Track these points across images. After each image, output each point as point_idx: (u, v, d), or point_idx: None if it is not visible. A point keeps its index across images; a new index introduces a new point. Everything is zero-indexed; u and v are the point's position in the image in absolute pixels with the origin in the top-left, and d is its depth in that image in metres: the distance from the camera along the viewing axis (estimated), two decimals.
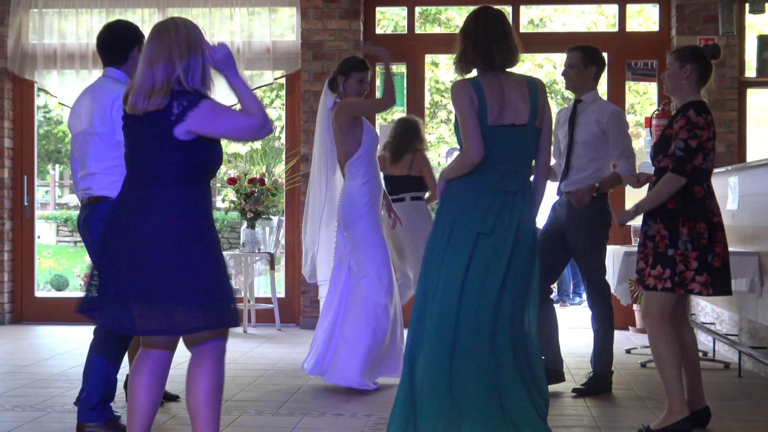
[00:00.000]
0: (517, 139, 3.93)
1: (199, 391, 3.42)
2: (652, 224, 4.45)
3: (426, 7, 14.97)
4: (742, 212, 6.44)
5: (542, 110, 3.97)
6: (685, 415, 4.39)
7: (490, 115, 3.88)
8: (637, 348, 7.02)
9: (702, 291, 4.37)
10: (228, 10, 8.47)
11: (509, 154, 3.93)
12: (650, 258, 4.41)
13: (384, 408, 5.04)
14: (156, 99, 3.34)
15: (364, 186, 5.54)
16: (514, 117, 3.91)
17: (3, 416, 4.83)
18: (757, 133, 8.52)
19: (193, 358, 3.47)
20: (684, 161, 4.35)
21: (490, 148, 3.87)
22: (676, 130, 4.41)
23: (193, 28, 3.43)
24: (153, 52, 3.38)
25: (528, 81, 3.99)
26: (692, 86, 4.53)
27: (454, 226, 3.92)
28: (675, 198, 4.40)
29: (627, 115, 9.09)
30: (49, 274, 13.57)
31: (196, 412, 3.42)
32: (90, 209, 4.48)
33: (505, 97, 3.91)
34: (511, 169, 3.92)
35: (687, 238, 4.35)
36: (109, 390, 4.38)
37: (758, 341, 6.07)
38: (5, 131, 8.59)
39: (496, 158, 3.90)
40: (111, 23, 4.67)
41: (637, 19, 14.42)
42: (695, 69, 4.51)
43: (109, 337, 4.38)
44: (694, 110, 4.41)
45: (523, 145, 3.95)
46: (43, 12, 8.58)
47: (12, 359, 6.69)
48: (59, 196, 26.03)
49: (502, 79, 3.94)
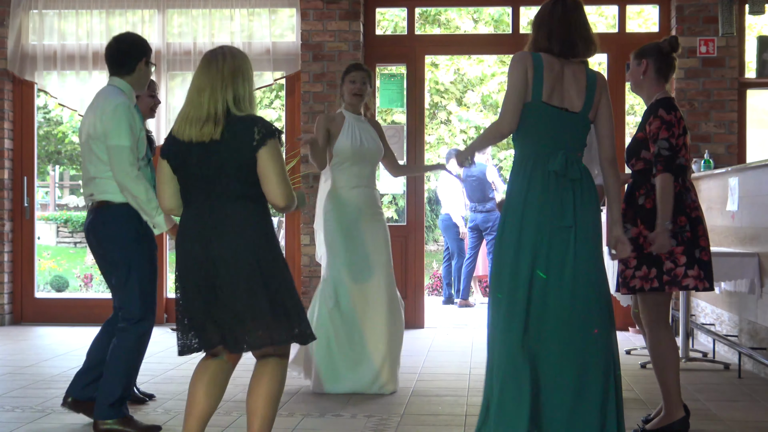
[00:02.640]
0: (573, 125, 3.86)
1: (261, 393, 3.57)
2: (630, 227, 4.41)
3: (426, 8, 14.98)
4: (742, 213, 6.44)
5: (597, 102, 3.89)
6: (682, 416, 4.40)
7: (546, 91, 3.82)
8: (636, 349, 7.02)
9: (698, 285, 4.36)
10: (228, 11, 8.48)
11: (567, 138, 3.85)
12: (632, 260, 4.38)
13: (384, 409, 5.04)
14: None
15: (330, 193, 5.62)
16: (569, 102, 3.86)
17: (3, 417, 4.83)
18: (757, 134, 8.53)
19: (259, 362, 3.64)
20: (671, 159, 4.35)
21: (544, 125, 3.82)
22: (653, 131, 4.39)
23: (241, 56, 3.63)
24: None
25: (588, 71, 3.93)
26: (652, 81, 4.51)
27: (525, 218, 3.79)
28: (652, 196, 4.39)
29: (627, 116, 9.10)
30: (49, 275, 13.57)
31: (255, 413, 3.57)
32: (94, 214, 4.55)
33: (564, 80, 3.86)
34: (573, 156, 3.85)
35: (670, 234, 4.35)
36: (127, 388, 4.49)
37: (758, 342, 6.07)
38: (5, 132, 8.60)
39: (552, 139, 3.82)
40: (120, 35, 4.74)
41: (637, 20, 14.42)
42: (651, 63, 4.49)
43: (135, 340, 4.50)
44: (664, 109, 4.40)
45: (579, 133, 3.89)
46: (43, 13, 8.58)
47: (12, 360, 6.68)
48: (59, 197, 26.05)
49: (564, 63, 3.88)
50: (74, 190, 26.33)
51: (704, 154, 7.81)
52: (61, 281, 13.29)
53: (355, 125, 5.62)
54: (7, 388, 5.63)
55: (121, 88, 4.58)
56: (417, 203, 8.58)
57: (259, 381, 3.60)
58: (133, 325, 4.48)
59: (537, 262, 3.76)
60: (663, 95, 4.49)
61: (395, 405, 5.15)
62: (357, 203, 5.60)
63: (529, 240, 3.77)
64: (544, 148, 3.82)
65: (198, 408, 3.60)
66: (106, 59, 4.67)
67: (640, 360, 6.54)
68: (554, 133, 3.83)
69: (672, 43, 4.49)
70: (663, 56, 4.49)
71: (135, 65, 4.60)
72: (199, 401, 3.61)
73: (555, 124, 3.83)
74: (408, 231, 8.50)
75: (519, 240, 3.78)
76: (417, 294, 8.51)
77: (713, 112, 8.05)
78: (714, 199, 6.97)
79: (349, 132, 5.59)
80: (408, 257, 8.46)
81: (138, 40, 4.68)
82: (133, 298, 4.48)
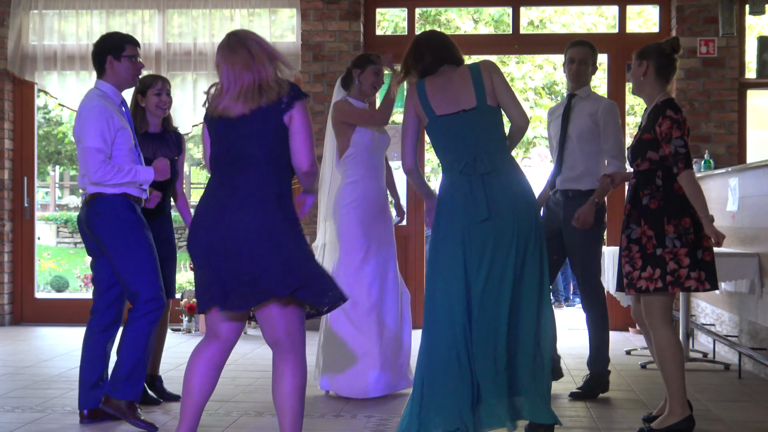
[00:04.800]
0: (476, 121, 4.07)
1: (284, 389, 3.59)
2: (635, 227, 4.43)
3: (426, 9, 14.98)
4: (742, 213, 6.44)
5: (491, 86, 4.09)
6: (687, 415, 4.41)
7: (435, 107, 4.09)
8: (636, 349, 7.02)
9: (699, 287, 4.38)
10: (228, 11, 8.48)
11: (474, 137, 4.07)
12: (638, 261, 4.41)
13: (383, 409, 5.04)
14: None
15: (349, 186, 5.51)
16: (464, 102, 4.08)
17: (3, 417, 4.83)
18: (757, 135, 8.52)
19: (277, 359, 3.64)
20: (688, 156, 4.37)
21: (449, 135, 4.10)
22: (665, 132, 4.38)
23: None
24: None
25: (470, 68, 4.15)
26: (652, 83, 4.51)
27: (440, 221, 4.07)
28: (657, 197, 4.40)
29: (627, 116, 9.11)
30: (49, 276, 13.56)
31: (283, 409, 3.60)
32: (88, 206, 4.68)
33: (453, 85, 4.11)
34: (482, 151, 4.05)
35: (674, 235, 4.36)
36: (142, 366, 4.59)
37: (758, 342, 6.07)
38: (5, 132, 8.60)
39: (460, 143, 4.07)
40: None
41: (637, 21, 14.42)
42: (652, 64, 4.50)
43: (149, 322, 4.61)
44: (672, 110, 4.41)
45: (485, 125, 4.09)
46: (43, 13, 8.58)
47: (12, 360, 6.68)
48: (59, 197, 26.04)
49: (448, 73, 4.17)
50: (74, 191, 26.34)
51: (704, 154, 7.81)
52: (61, 281, 13.28)
53: None
54: (7, 388, 5.63)
55: (101, 89, 4.70)
56: (417, 203, 8.58)
57: (282, 377, 3.61)
58: (144, 307, 4.58)
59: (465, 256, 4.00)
60: (665, 96, 4.49)
61: (395, 405, 5.15)
62: (375, 196, 5.53)
63: (455, 237, 4.01)
64: (456, 153, 4.08)
65: (193, 392, 3.67)
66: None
67: (640, 360, 6.54)
68: (460, 137, 4.09)
69: (673, 44, 4.49)
70: (664, 57, 4.49)
71: (103, 64, 4.70)
72: (193, 386, 3.67)
73: (457, 128, 4.10)
74: (408, 231, 8.50)
75: (445, 239, 4.04)
76: (417, 294, 8.51)
77: (713, 113, 8.05)
78: (714, 199, 6.97)
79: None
80: (408, 257, 8.46)
81: (104, 39, 4.78)
82: (141, 281, 4.58)
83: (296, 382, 3.61)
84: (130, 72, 4.73)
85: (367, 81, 5.57)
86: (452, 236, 4.02)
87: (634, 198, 4.49)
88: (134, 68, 4.74)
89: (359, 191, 5.49)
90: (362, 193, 5.50)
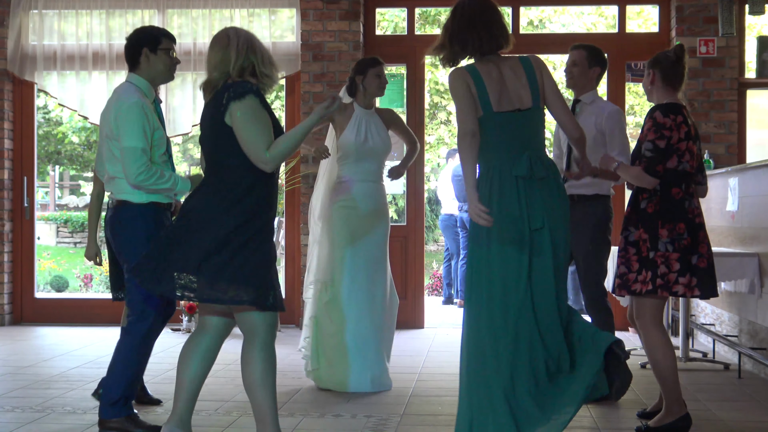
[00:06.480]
0: (530, 122, 3.92)
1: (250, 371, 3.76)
2: (633, 230, 4.46)
3: (426, 9, 14.98)
4: (741, 213, 6.44)
5: (542, 85, 3.95)
6: (683, 413, 4.44)
7: (493, 100, 3.87)
8: (636, 349, 7.01)
9: (686, 293, 4.40)
10: (228, 11, 8.47)
11: (527, 138, 3.91)
12: (635, 264, 4.43)
13: (383, 409, 5.04)
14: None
15: (339, 185, 5.66)
16: (518, 101, 3.90)
17: (3, 417, 4.83)
18: (757, 135, 8.52)
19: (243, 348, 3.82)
20: (653, 162, 4.37)
21: (502, 134, 3.88)
22: (644, 132, 4.46)
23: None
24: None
25: (522, 61, 3.97)
26: (660, 89, 4.55)
27: (494, 226, 3.83)
28: (654, 201, 4.43)
29: (627, 116, 9.10)
30: (49, 275, 13.57)
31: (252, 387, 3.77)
32: (113, 212, 4.57)
33: (506, 81, 3.91)
34: (536, 155, 3.89)
35: (667, 239, 4.38)
36: (131, 387, 4.50)
37: (758, 342, 6.07)
38: (5, 132, 8.59)
39: (513, 144, 3.88)
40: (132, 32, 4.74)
41: (637, 21, 14.42)
42: (657, 72, 4.54)
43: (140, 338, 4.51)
44: (660, 112, 4.43)
45: (538, 127, 3.95)
46: (43, 13, 8.58)
47: (12, 360, 6.68)
48: (59, 197, 26.04)
49: (496, 62, 3.94)
50: (74, 191, 26.33)
51: (704, 154, 7.81)
52: (61, 281, 13.29)
53: (363, 120, 5.64)
54: (7, 388, 5.63)
55: (136, 84, 4.56)
56: (417, 203, 8.58)
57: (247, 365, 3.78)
58: (137, 322, 4.48)
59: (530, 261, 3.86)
60: (671, 100, 4.51)
61: (395, 405, 5.15)
62: (363, 197, 5.61)
63: (513, 246, 3.84)
64: (508, 155, 3.88)
65: (185, 382, 3.83)
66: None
67: (640, 360, 6.54)
68: (514, 137, 3.90)
69: (677, 51, 4.54)
70: (669, 65, 4.53)
71: (138, 58, 4.57)
72: (184, 377, 3.84)
73: (512, 128, 3.90)
74: (408, 231, 8.50)
75: (499, 250, 3.85)
76: (417, 294, 8.51)
77: (713, 113, 8.05)
78: (714, 199, 6.97)
79: (355, 127, 5.61)
80: (408, 257, 8.46)
81: (140, 31, 4.66)
82: (137, 295, 4.48)
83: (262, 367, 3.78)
84: (166, 65, 4.61)
85: (372, 84, 5.67)
86: (510, 242, 3.85)
87: (634, 201, 4.52)
88: (171, 62, 4.63)
89: (347, 192, 5.63)
90: (352, 195, 5.62)
